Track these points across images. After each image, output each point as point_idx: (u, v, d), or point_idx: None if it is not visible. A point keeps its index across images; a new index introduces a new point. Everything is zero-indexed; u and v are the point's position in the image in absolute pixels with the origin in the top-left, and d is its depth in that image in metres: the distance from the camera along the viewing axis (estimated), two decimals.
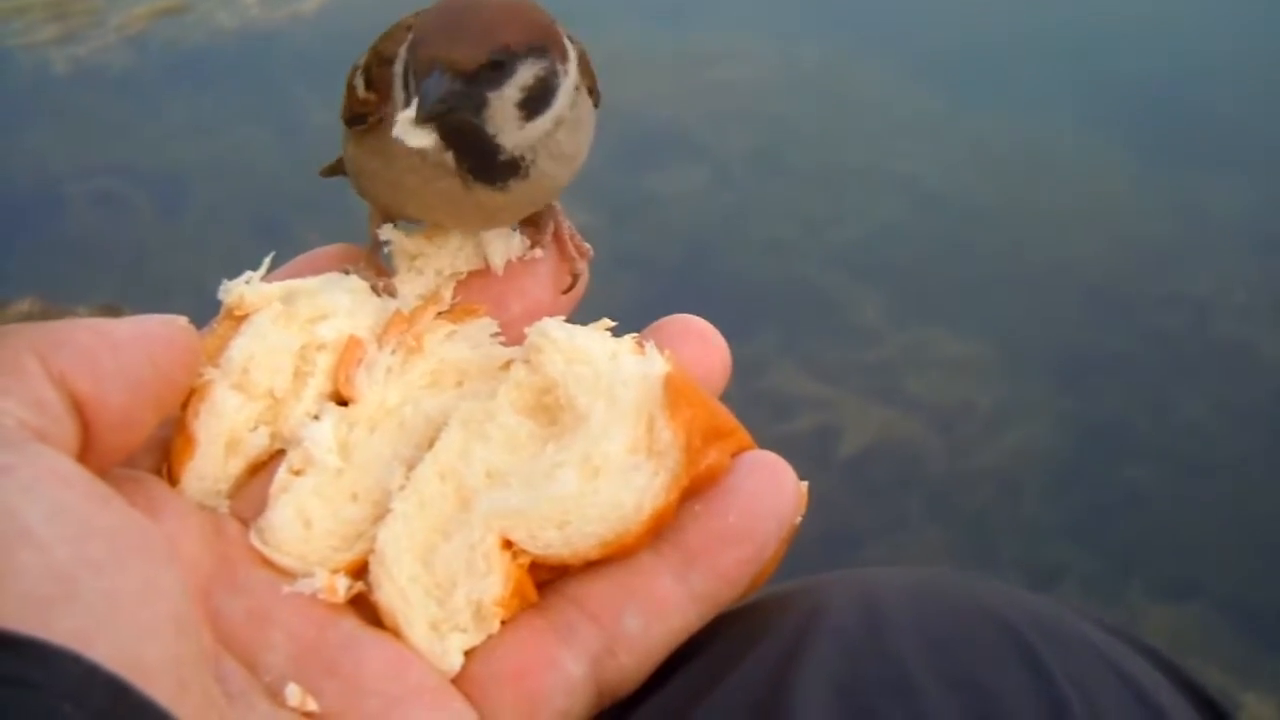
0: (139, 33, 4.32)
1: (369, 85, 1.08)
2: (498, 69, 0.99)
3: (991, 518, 3.07)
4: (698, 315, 1.02)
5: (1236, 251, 3.75)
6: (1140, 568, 2.94)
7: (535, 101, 1.01)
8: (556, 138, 1.05)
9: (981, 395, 3.32)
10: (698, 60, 4.37)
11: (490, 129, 1.00)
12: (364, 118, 1.09)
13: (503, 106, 1.00)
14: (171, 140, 3.94)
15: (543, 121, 1.02)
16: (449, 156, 1.01)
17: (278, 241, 1.06)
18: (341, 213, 1.11)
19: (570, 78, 1.05)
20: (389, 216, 1.12)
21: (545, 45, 1.02)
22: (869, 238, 3.74)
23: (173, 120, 4.03)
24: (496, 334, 1.05)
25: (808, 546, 1.04)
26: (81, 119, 4.02)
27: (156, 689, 0.70)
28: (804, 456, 0.97)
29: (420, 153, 1.01)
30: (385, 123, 1.05)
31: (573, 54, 1.06)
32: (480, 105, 0.99)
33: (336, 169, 1.23)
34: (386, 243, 1.10)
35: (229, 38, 4.32)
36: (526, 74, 1.00)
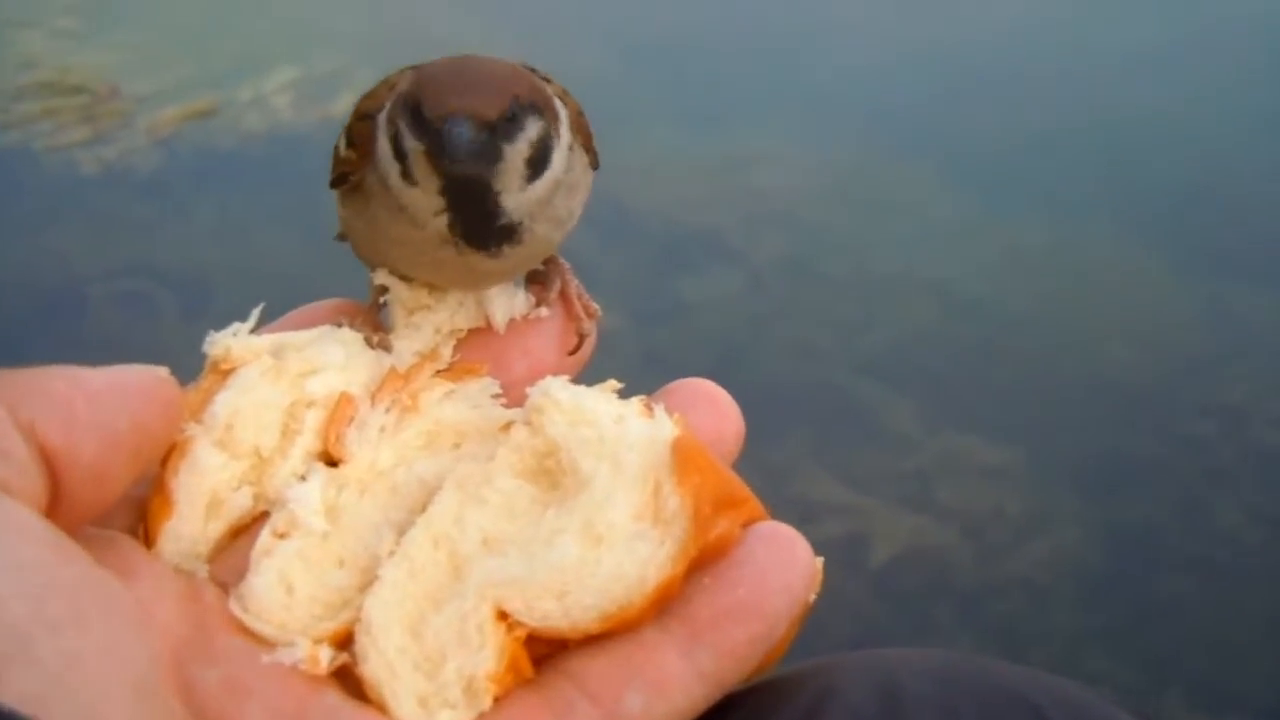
0: (168, 135, 4.34)
1: (350, 144, 1.06)
2: (512, 121, 0.96)
3: (1023, 626, 3.01)
4: None
5: (1271, 359, 3.71)
6: (1176, 678, 2.88)
7: (537, 161, 0.99)
8: (554, 202, 1.02)
9: (1012, 502, 3.27)
10: (731, 165, 4.37)
11: (498, 187, 0.97)
12: (346, 177, 1.06)
13: (513, 162, 0.97)
14: (198, 242, 3.94)
15: (542, 184, 1.00)
16: (443, 221, 0.98)
17: None
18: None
19: (563, 139, 1.02)
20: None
21: (544, 105, 1.00)
22: (900, 344, 3.71)
23: (200, 222, 4.03)
24: (498, 395, 1.01)
25: (837, 652, 0.99)
26: (108, 220, 4.02)
27: None
28: (834, 563, 0.93)
29: (408, 218, 0.99)
30: (365, 183, 1.03)
31: (564, 116, 1.03)
32: (496, 158, 0.96)
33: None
34: (384, 291, 1.06)
35: (258, 141, 4.34)
36: (532, 130, 0.98)
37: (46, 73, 4.53)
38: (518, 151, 0.97)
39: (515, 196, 0.98)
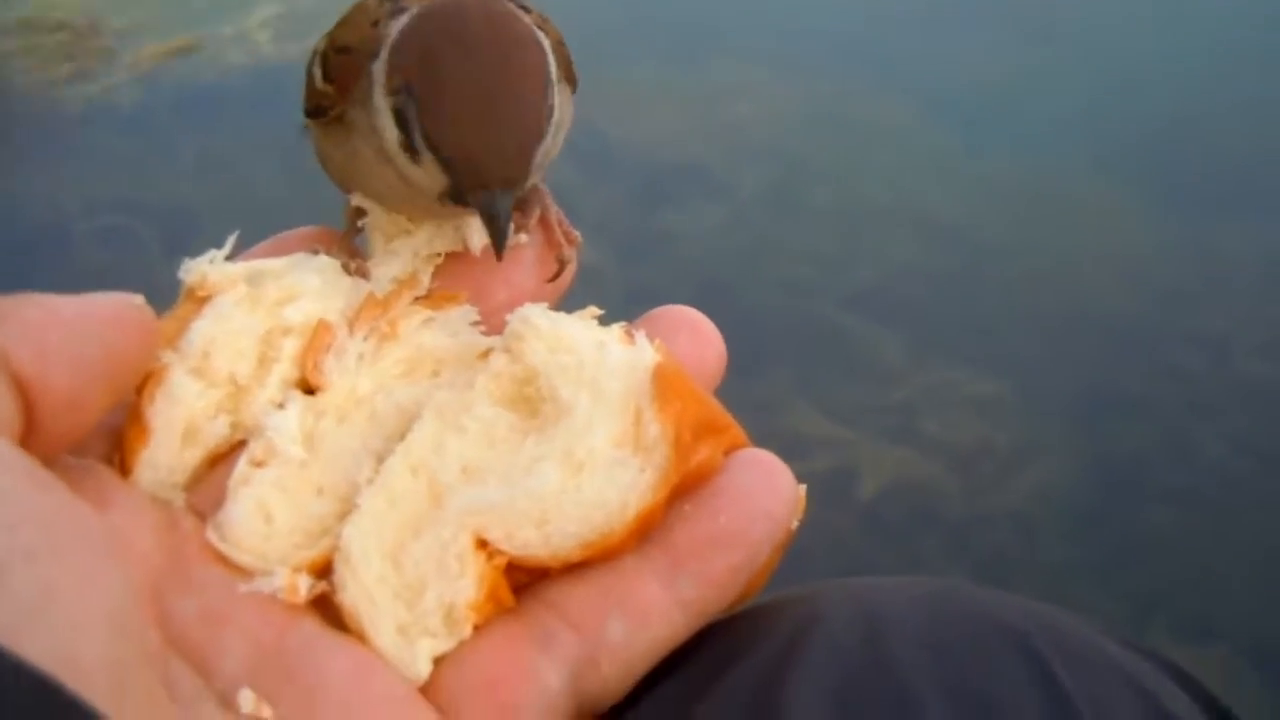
0: (150, 71, 4.30)
1: (326, 76, 1.03)
2: None
3: (1009, 558, 3.01)
4: None
5: (1255, 290, 3.70)
6: (1161, 610, 2.89)
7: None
8: (548, 150, 0.99)
9: (999, 435, 3.27)
10: (714, 97, 4.34)
11: None
12: (324, 110, 1.04)
13: None
14: (181, 177, 3.92)
15: (544, 141, 0.96)
16: (438, 187, 0.96)
17: None
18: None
19: (552, 79, 0.98)
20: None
21: (546, 67, 0.96)
22: (885, 277, 3.70)
23: (183, 157, 4.01)
24: (477, 322, 0.99)
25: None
26: (91, 157, 4.00)
27: (92, 690, 0.63)
28: (820, 497, 0.92)
29: (396, 169, 0.97)
30: (349, 118, 1.01)
31: (549, 50, 0.98)
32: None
33: None
34: (361, 215, 1.05)
35: (241, 75, 4.31)
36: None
37: (27, 9, 4.49)
38: None
39: None
